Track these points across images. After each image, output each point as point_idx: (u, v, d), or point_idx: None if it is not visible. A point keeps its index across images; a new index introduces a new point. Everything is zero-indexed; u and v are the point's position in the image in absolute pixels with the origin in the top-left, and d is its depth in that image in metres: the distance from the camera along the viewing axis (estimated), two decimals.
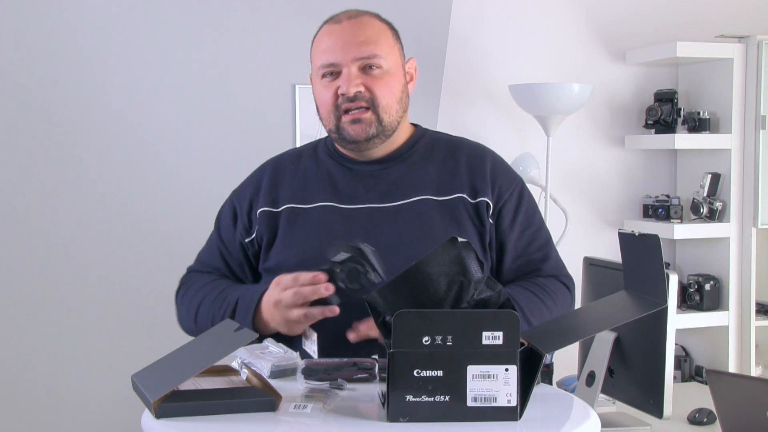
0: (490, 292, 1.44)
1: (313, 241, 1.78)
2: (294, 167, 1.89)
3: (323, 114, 1.83)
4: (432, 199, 1.81)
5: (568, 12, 3.69)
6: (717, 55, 3.57)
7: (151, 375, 1.42)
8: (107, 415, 3.18)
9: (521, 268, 1.84)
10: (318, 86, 1.82)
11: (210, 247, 1.93)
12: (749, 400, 1.69)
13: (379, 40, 1.79)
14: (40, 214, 3.15)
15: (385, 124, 1.79)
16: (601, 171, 3.77)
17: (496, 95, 3.57)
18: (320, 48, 1.81)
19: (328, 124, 1.82)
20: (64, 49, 3.13)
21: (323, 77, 1.80)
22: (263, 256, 1.85)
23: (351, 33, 1.78)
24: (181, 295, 1.91)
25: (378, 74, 1.78)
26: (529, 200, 1.89)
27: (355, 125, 1.78)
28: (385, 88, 1.79)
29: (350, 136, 1.79)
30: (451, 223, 1.79)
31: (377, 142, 1.81)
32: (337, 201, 1.82)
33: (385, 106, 1.79)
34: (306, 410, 1.36)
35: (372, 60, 1.77)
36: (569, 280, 1.89)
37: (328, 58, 1.78)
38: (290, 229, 1.82)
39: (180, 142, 3.25)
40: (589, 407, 1.46)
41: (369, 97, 1.77)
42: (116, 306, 3.21)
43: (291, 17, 3.30)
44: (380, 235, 1.76)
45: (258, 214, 1.85)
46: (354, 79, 1.76)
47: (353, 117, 1.78)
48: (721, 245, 3.64)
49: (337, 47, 1.78)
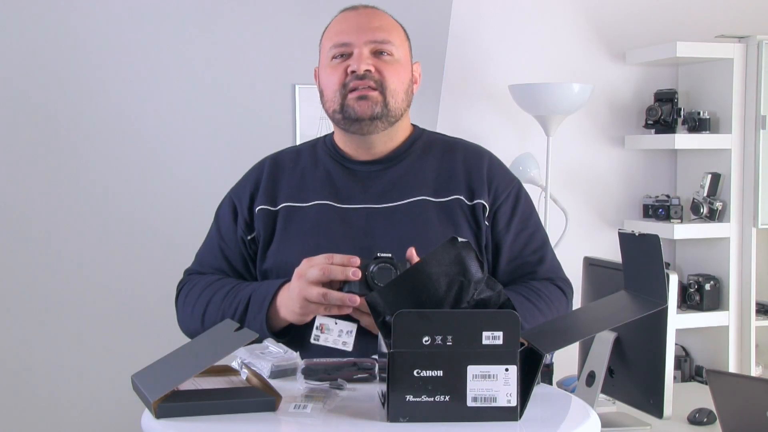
0: (490, 292, 1.44)
1: (310, 241, 1.77)
2: (292, 165, 1.89)
3: (328, 95, 1.82)
4: (429, 201, 1.81)
5: (568, 12, 3.69)
6: (717, 55, 3.57)
7: (151, 375, 1.42)
8: (107, 415, 3.18)
9: (516, 271, 1.84)
10: (326, 69, 1.82)
11: (210, 247, 1.91)
12: (749, 400, 1.69)
13: (393, 30, 1.83)
14: (40, 214, 3.15)
15: (391, 107, 1.79)
16: (601, 171, 3.77)
17: (496, 95, 3.57)
18: (333, 31, 1.83)
19: (333, 104, 1.81)
20: (64, 48, 3.12)
21: (333, 59, 1.80)
22: (260, 256, 1.83)
23: (366, 19, 1.82)
24: (183, 297, 1.87)
25: (389, 60, 1.80)
26: (525, 202, 1.88)
27: (362, 102, 1.77)
28: (395, 74, 1.80)
29: (355, 113, 1.78)
30: (447, 224, 1.79)
31: (380, 125, 1.80)
32: (334, 200, 1.82)
33: (392, 90, 1.79)
34: (306, 410, 1.36)
35: (384, 46, 1.79)
36: (565, 283, 1.88)
37: (342, 38, 1.80)
38: (287, 228, 1.81)
39: (180, 142, 3.25)
40: (589, 407, 1.46)
41: (378, 79, 1.78)
42: (116, 306, 3.21)
43: (291, 17, 3.30)
44: (377, 235, 1.76)
45: (257, 211, 1.84)
46: (365, 59, 1.77)
47: (360, 93, 1.77)
48: (721, 245, 3.65)
49: (352, 29, 1.80)
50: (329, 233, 1.78)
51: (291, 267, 1.70)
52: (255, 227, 1.84)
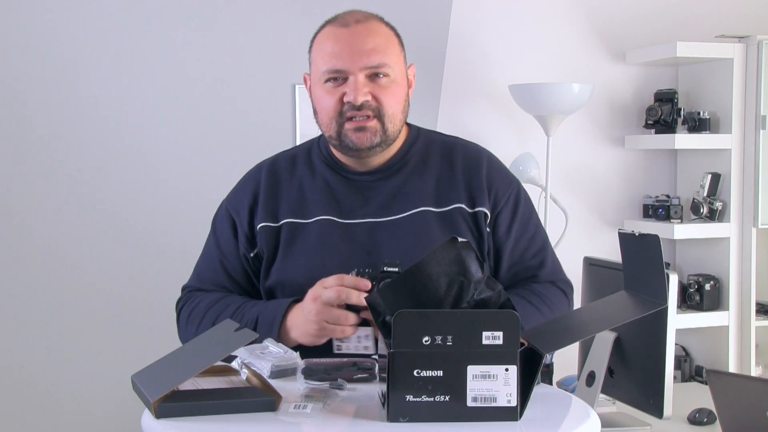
0: (490, 292, 1.44)
1: (315, 259, 1.75)
2: (289, 176, 1.85)
3: (323, 119, 1.78)
4: (431, 211, 1.79)
5: (568, 12, 3.69)
6: (717, 55, 3.57)
7: (151, 375, 1.42)
8: (107, 415, 3.18)
9: (517, 275, 1.83)
10: (320, 90, 1.77)
11: (210, 261, 1.86)
12: (749, 400, 1.69)
13: (388, 49, 1.75)
14: (40, 214, 3.15)
15: (389, 133, 1.76)
16: (601, 171, 3.77)
17: (496, 95, 3.57)
18: (325, 51, 1.75)
19: (329, 130, 1.77)
20: (63, 48, 3.12)
21: (327, 81, 1.75)
22: (264, 273, 1.80)
23: (360, 40, 1.73)
24: (185, 315, 1.82)
25: (385, 83, 1.74)
26: (525, 204, 1.87)
27: (359, 133, 1.73)
28: (392, 98, 1.75)
29: (353, 144, 1.75)
30: (450, 234, 1.74)
31: (378, 150, 1.78)
32: (335, 215, 1.79)
33: (390, 116, 1.75)
34: (306, 410, 1.36)
35: (380, 69, 1.73)
36: (566, 284, 1.87)
37: (335, 64, 1.72)
38: (290, 245, 1.78)
39: (180, 142, 3.25)
40: (589, 407, 1.46)
41: (375, 106, 1.73)
42: (116, 306, 3.21)
43: (291, 17, 3.30)
44: (381, 249, 1.74)
45: (259, 228, 1.80)
46: (362, 88, 1.71)
47: (357, 125, 1.73)
48: (721, 245, 3.64)
49: (345, 54, 1.72)
50: (333, 250, 1.76)
51: (296, 284, 1.69)
52: (258, 244, 1.81)
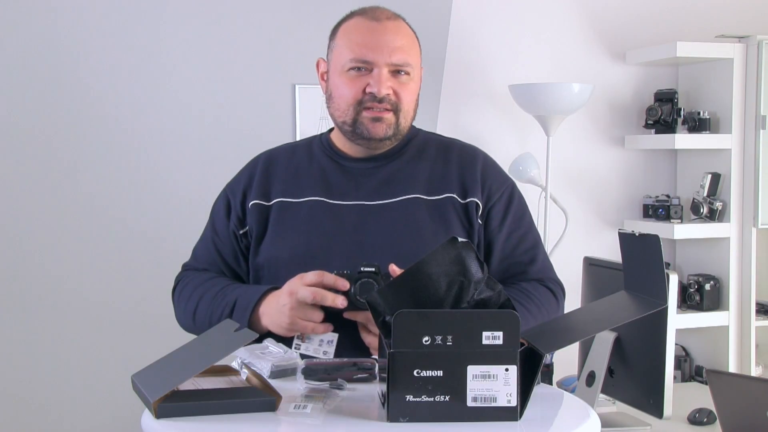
0: (490, 292, 1.44)
1: (302, 236, 1.80)
2: (287, 161, 1.91)
3: (341, 105, 1.83)
4: (422, 198, 1.82)
5: (568, 12, 3.69)
6: (717, 55, 3.57)
7: (151, 375, 1.42)
8: (107, 415, 3.18)
9: (507, 270, 1.85)
10: (341, 77, 1.82)
11: (205, 241, 1.94)
12: (749, 400, 1.69)
13: (412, 50, 1.83)
14: (40, 213, 3.15)
15: (401, 128, 1.83)
16: (601, 171, 3.77)
17: (496, 95, 3.57)
18: (354, 41, 1.80)
19: (344, 116, 1.82)
20: (63, 48, 3.12)
21: (350, 70, 1.80)
22: (254, 250, 1.85)
23: (390, 36, 1.80)
24: (177, 293, 1.92)
25: (405, 80, 1.81)
26: (519, 202, 1.90)
27: (376, 123, 1.80)
28: (409, 95, 1.83)
29: (368, 133, 1.80)
30: (440, 222, 1.80)
31: (388, 144, 1.84)
32: (327, 196, 1.83)
33: (405, 112, 1.82)
34: (306, 410, 1.36)
35: (404, 67, 1.80)
36: (555, 284, 1.88)
37: (364, 54, 1.78)
38: (280, 223, 1.83)
39: (180, 142, 3.25)
40: (589, 407, 1.46)
41: (394, 101, 1.80)
42: (116, 306, 3.21)
43: (291, 17, 3.30)
44: (368, 232, 1.79)
45: (250, 206, 1.86)
46: (385, 81, 1.78)
47: (375, 115, 1.79)
48: (721, 245, 3.64)
49: (375, 46, 1.78)
50: (321, 229, 1.80)
51: (283, 262, 1.74)
52: (247, 222, 1.86)
